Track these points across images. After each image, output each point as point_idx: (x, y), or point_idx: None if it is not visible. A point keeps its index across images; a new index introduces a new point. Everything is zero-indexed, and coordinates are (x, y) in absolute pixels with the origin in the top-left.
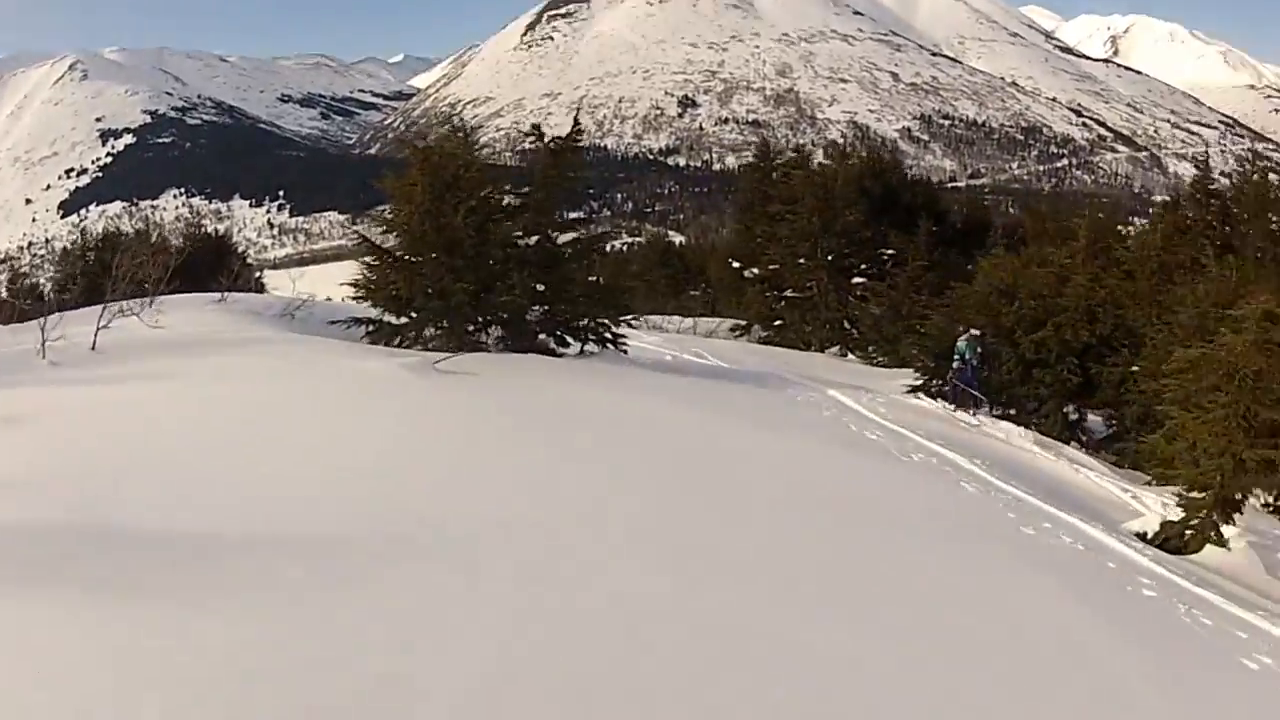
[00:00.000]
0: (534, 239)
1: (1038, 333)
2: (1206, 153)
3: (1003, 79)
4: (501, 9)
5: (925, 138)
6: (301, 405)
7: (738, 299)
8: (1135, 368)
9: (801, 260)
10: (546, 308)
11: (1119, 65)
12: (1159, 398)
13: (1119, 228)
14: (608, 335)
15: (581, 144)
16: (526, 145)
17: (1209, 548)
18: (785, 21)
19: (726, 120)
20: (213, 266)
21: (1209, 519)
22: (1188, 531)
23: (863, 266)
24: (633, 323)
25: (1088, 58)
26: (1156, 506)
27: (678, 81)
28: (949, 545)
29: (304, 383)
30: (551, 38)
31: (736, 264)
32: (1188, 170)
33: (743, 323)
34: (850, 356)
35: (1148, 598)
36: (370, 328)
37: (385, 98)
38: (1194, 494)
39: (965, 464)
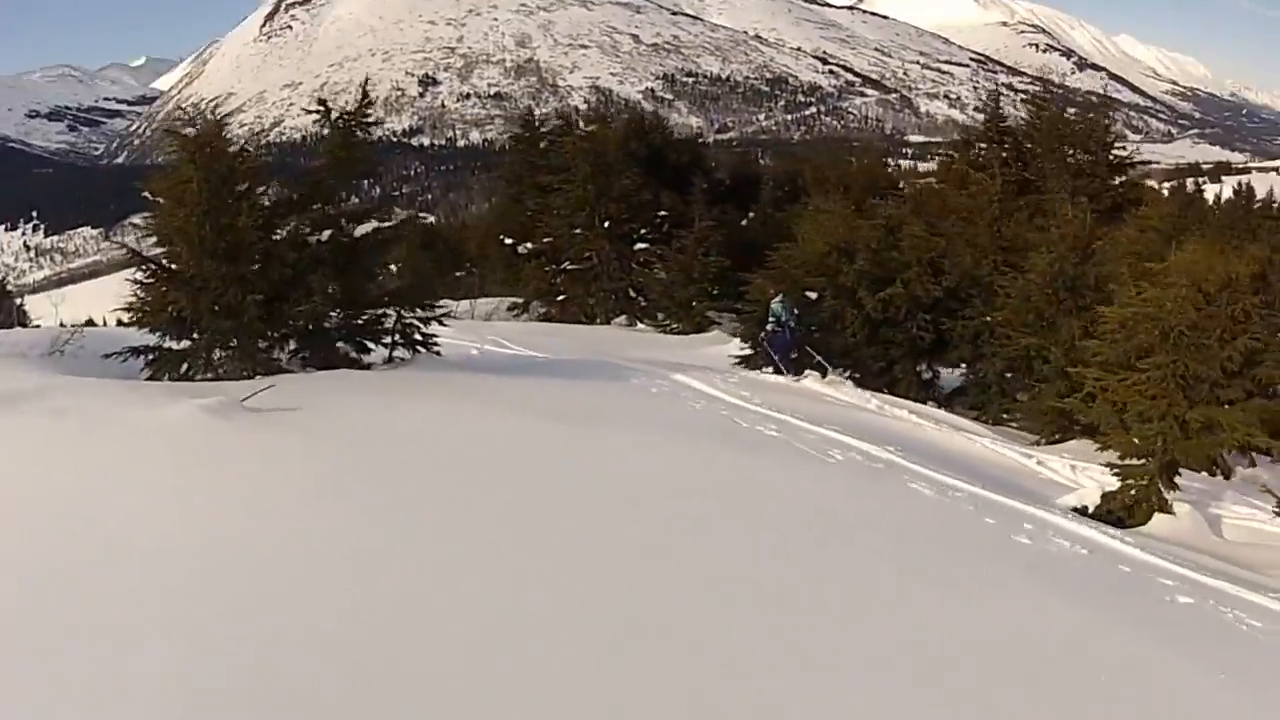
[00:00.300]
0: (326, 234)
1: (885, 290)
2: (998, 92)
3: (745, 33)
4: (241, 3)
5: (670, 97)
6: (85, 491)
7: (514, 276)
8: (988, 319)
9: (578, 230)
10: (347, 312)
11: (865, 11)
12: (1033, 351)
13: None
14: (418, 337)
15: (370, 119)
16: (273, 139)
17: (1157, 516)
18: None
19: (468, 96)
20: None
21: (1153, 486)
22: (1130, 502)
23: (642, 231)
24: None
25: (832, 5)
26: (1066, 471)
27: (418, 60)
28: (958, 569)
29: (84, 455)
30: (290, 26)
31: (509, 240)
32: (940, 109)
33: (520, 300)
34: (640, 326)
35: (1183, 604)
36: (150, 357)
37: (130, 103)
38: (1132, 461)
39: (883, 454)
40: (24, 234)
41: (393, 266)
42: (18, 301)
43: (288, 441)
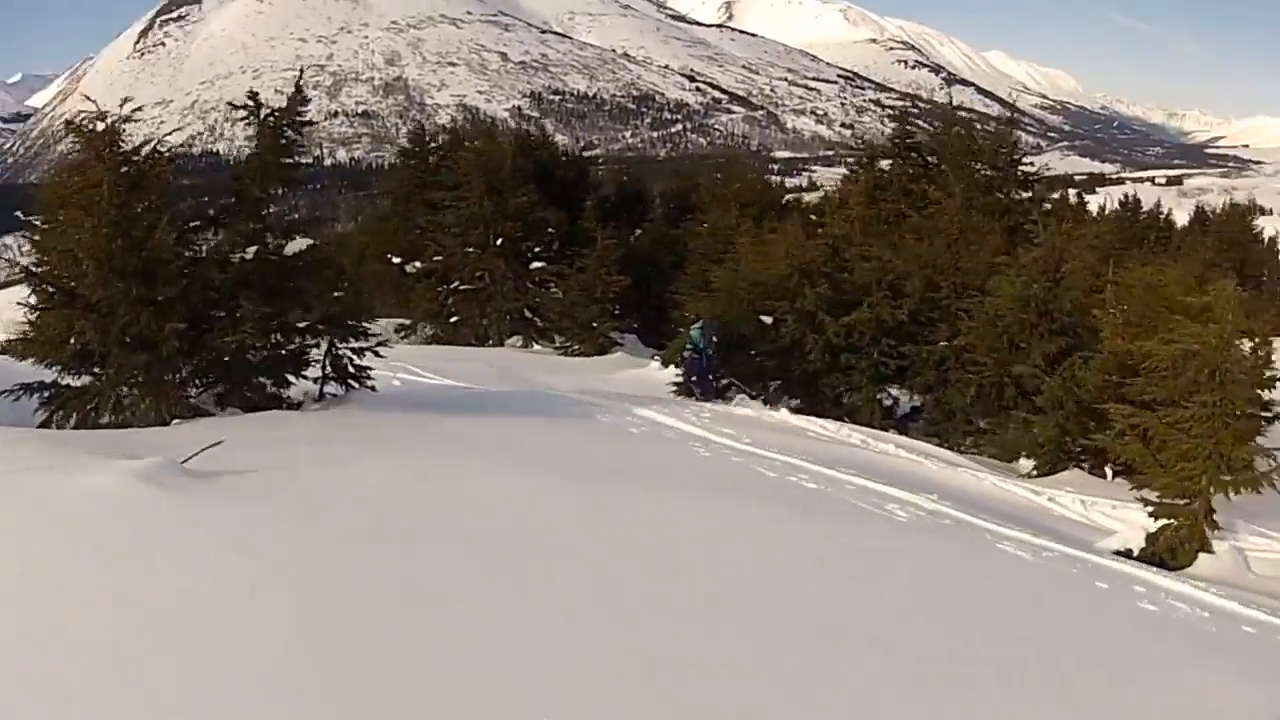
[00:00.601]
0: (252, 250)
1: (850, 315)
2: (912, 108)
3: (614, 51)
4: (115, 18)
5: (536, 114)
6: None
7: (403, 297)
8: (953, 343)
9: (471, 249)
10: (274, 341)
11: (733, 29)
12: (1005, 377)
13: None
14: (352, 369)
15: (307, 117)
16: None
17: (1201, 557)
18: (394, 9)
19: (336, 114)
20: None
21: (1199, 527)
22: (1173, 543)
23: (536, 250)
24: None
25: (701, 24)
26: (1077, 507)
27: (288, 79)
28: (1131, 659)
29: None
30: (164, 43)
31: (397, 259)
32: (807, 124)
33: (407, 322)
34: (536, 347)
35: None
36: (44, 396)
37: (4, 120)
38: (1176, 501)
39: (930, 504)
40: None
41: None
42: None
43: (255, 524)
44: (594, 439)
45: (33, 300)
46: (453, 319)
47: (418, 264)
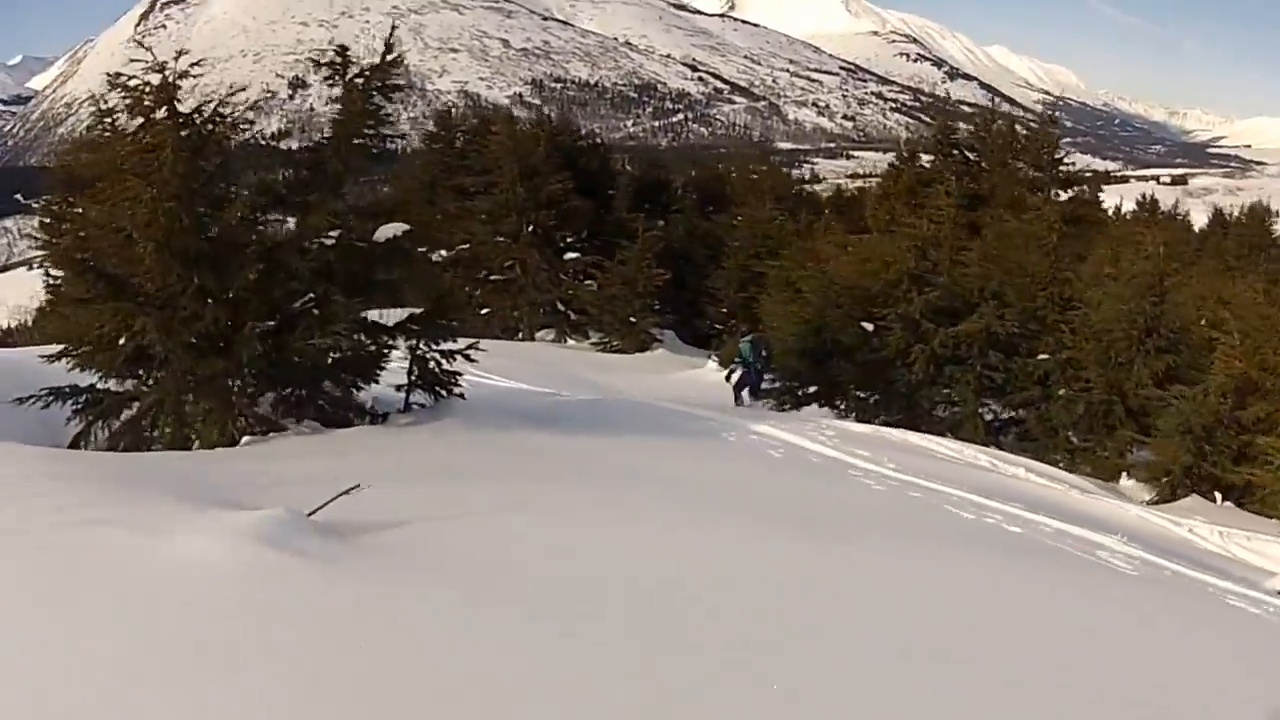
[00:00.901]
0: (333, 236)
1: (960, 324)
2: (949, 103)
3: (616, 39)
4: (118, 1)
5: (537, 101)
6: None
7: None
8: (1059, 358)
9: (503, 238)
10: (356, 341)
11: (735, 19)
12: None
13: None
14: (442, 374)
15: (397, 80)
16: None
17: None
18: None
19: (338, 99)
20: None
21: None
22: None
23: (568, 239)
24: None
25: (703, 13)
26: (1216, 539)
27: (288, 63)
28: None
29: (46, 656)
30: (165, 26)
31: (421, 248)
32: (809, 116)
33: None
34: (570, 342)
35: None
36: (79, 404)
37: (4, 102)
38: None
39: (1123, 547)
40: None
41: None
42: None
43: (425, 612)
44: (742, 466)
45: (75, 292)
46: (483, 310)
47: (443, 253)
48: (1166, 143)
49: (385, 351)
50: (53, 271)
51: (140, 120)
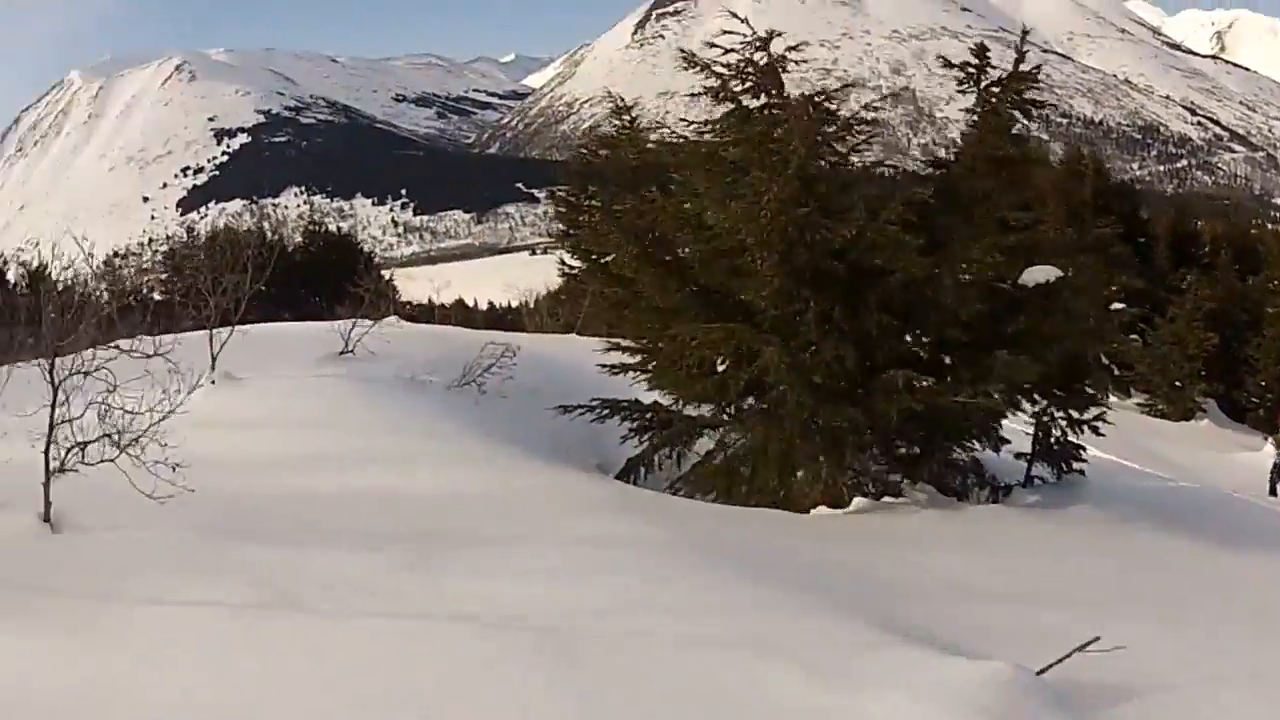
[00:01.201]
0: (970, 271)
1: None
2: None
3: (1114, 76)
4: (609, 8)
5: (1045, 137)
6: None
7: None
8: None
9: None
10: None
11: (1227, 61)
12: None
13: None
14: (1067, 444)
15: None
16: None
17: None
18: (893, 18)
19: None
20: (339, 268)
21: None
22: None
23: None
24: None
25: (1195, 54)
26: None
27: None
28: None
29: None
30: (663, 36)
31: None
32: None
33: None
34: (1110, 398)
35: None
36: (642, 422)
37: (500, 97)
38: None
39: None
40: (391, 210)
41: None
42: (386, 275)
43: None
44: None
45: (659, 298)
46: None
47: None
48: None
49: (1002, 414)
50: (568, 260)
51: (758, 101)
